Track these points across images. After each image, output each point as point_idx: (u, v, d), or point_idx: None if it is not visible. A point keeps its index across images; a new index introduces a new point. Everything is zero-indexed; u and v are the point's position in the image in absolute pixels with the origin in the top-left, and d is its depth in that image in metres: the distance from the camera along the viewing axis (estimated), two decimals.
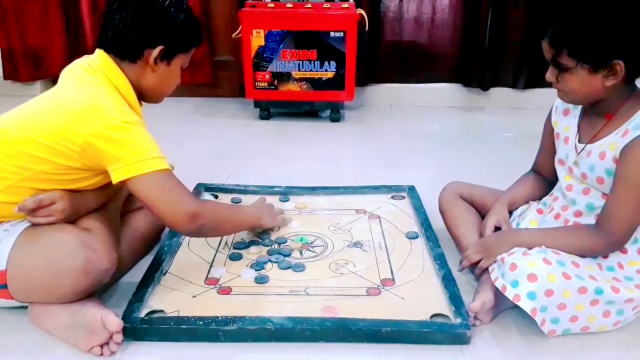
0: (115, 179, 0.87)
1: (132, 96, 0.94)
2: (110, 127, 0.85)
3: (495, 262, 0.92)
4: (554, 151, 1.02)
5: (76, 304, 0.85)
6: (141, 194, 0.88)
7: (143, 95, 0.98)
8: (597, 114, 0.92)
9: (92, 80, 0.91)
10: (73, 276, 0.82)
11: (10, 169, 0.87)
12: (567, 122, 0.98)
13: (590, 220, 0.93)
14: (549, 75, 0.88)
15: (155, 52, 0.92)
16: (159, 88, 0.98)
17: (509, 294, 0.85)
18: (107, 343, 0.83)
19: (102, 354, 0.83)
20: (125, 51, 0.92)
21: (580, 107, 0.97)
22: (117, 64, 0.93)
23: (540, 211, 1.03)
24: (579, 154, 0.93)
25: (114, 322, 0.82)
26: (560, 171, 0.99)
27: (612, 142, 0.87)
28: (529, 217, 1.02)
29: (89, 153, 0.86)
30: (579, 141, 0.94)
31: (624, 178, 0.84)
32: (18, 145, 0.86)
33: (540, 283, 0.83)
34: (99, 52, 0.94)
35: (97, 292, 0.92)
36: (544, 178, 1.07)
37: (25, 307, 0.89)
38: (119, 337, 0.83)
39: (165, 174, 0.88)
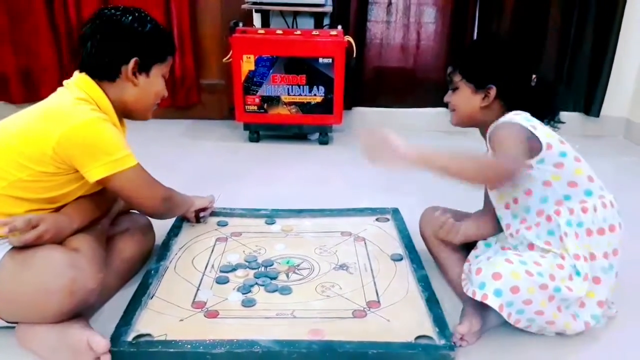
0: (91, 179, 0.92)
1: (112, 113, 0.99)
2: (76, 125, 0.90)
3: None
4: None
5: (63, 325, 0.86)
6: (118, 189, 0.97)
7: (129, 112, 1.03)
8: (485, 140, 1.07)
9: (66, 90, 0.98)
10: (59, 296, 0.83)
11: None
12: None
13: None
14: (446, 96, 1.10)
15: (131, 64, 0.98)
16: (143, 100, 1.03)
17: (478, 296, 0.89)
18: None
19: None
20: (103, 73, 0.98)
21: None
22: (98, 85, 0.98)
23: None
24: None
25: (101, 343, 0.82)
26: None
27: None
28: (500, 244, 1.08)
29: (60, 155, 0.90)
30: None
31: (496, 147, 0.97)
32: (2, 152, 0.90)
33: (504, 281, 0.87)
34: (77, 73, 1.00)
35: (84, 314, 0.92)
36: None
37: (13, 328, 0.89)
38: (106, 358, 0.83)
39: (137, 169, 0.97)
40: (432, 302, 1.00)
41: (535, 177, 0.95)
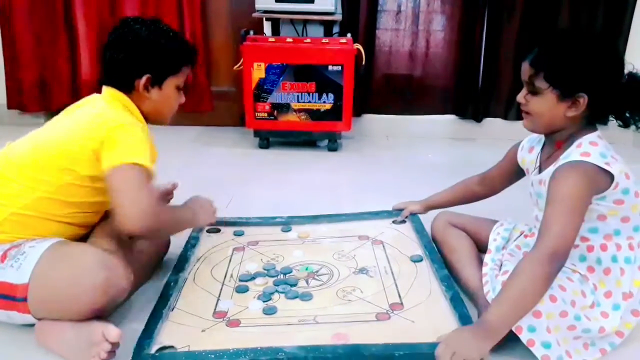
0: (104, 167, 0.91)
1: (142, 120, 1.02)
2: (111, 128, 0.92)
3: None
4: (508, 173, 1.14)
5: (83, 323, 0.87)
6: (114, 183, 0.89)
7: (149, 119, 1.05)
8: (551, 144, 0.97)
9: (101, 100, 1.00)
10: (92, 293, 0.85)
11: (34, 182, 0.92)
12: (531, 157, 1.04)
13: None
14: (520, 96, 0.95)
15: (143, 80, 0.99)
16: (158, 111, 1.05)
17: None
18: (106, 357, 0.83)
19: None
20: (119, 84, 1.00)
21: (542, 143, 1.02)
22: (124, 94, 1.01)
23: (526, 236, 1.07)
24: (537, 184, 0.98)
25: (112, 331, 0.82)
26: (531, 203, 1.04)
27: (550, 172, 0.92)
28: (515, 243, 1.07)
29: (98, 157, 0.92)
30: (539, 172, 0.98)
31: (550, 197, 0.87)
32: (44, 159, 0.93)
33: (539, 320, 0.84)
34: (104, 87, 1.02)
35: (106, 319, 0.93)
36: (483, 188, 1.18)
37: (32, 326, 0.90)
38: (106, 346, 0.82)
39: (140, 170, 0.89)
40: (457, 301, 0.98)
41: (591, 209, 0.89)
